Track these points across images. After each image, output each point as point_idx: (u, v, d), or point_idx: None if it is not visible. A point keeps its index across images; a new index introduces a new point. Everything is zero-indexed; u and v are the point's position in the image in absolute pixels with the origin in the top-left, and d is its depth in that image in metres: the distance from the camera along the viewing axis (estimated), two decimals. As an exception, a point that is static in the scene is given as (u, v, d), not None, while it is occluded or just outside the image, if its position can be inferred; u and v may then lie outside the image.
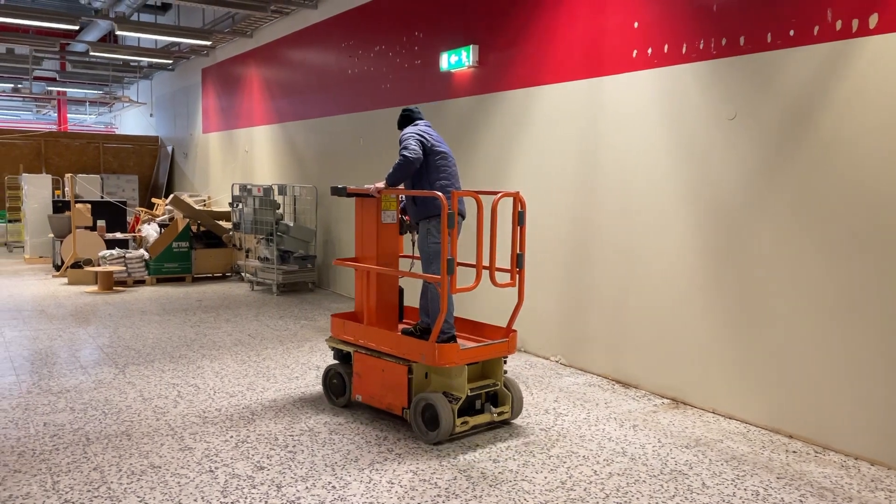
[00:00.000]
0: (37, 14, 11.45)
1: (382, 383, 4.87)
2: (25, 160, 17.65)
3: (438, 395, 4.51)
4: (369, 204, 5.10)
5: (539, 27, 6.65)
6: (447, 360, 4.46)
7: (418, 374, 4.71)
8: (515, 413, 4.87)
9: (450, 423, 4.44)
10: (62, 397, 5.25)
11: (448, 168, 4.96)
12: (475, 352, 4.64)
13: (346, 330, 5.16)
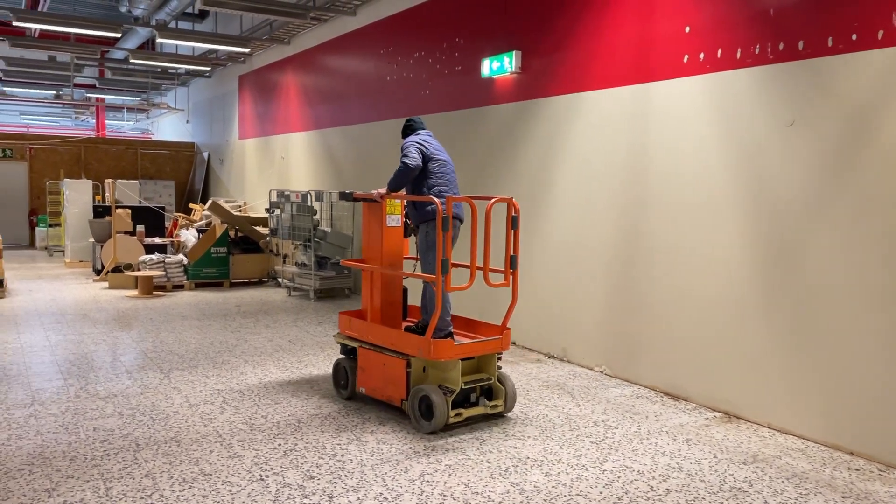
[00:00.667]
0: (79, 22, 11.64)
1: (383, 376, 5.17)
2: (66, 166, 17.98)
3: (434, 387, 4.80)
4: (375, 208, 5.36)
5: (584, 32, 6.57)
6: (441, 355, 4.76)
7: (416, 368, 5.00)
8: (509, 407, 5.13)
9: (444, 414, 4.73)
10: (110, 402, 5.28)
11: (446, 174, 5.26)
12: (468, 347, 4.92)
13: (351, 326, 5.48)
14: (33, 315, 8.64)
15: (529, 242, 7.29)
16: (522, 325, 7.40)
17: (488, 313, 7.81)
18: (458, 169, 8.40)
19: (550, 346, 7.04)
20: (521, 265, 7.42)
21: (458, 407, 4.89)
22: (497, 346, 5.04)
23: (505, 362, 6.74)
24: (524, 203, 7.37)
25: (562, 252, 6.88)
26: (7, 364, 6.31)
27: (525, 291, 7.36)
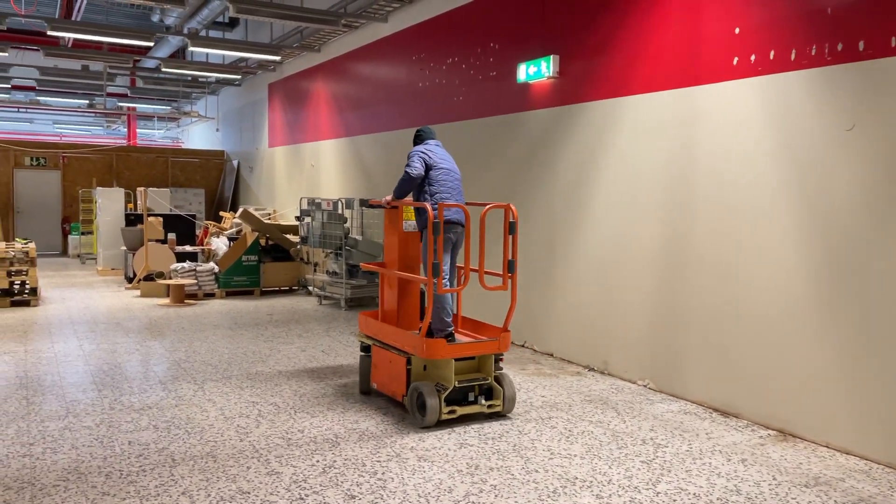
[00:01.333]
0: (113, 31, 11.71)
1: (389, 373, 5.45)
2: (98, 174, 18.14)
3: (429, 384, 5.05)
4: (393, 214, 5.69)
5: (626, 35, 6.38)
6: (433, 354, 4.99)
7: (417, 365, 5.26)
8: (507, 408, 5.28)
9: (436, 409, 4.96)
10: (144, 414, 5.19)
11: (447, 182, 5.47)
12: (461, 347, 5.11)
13: (367, 326, 5.78)
14: (66, 324, 8.63)
15: (567, 251, 7.10)
16: (561, 337, 7.21)
17: (527, 319, 7.63)
18: (491, 176, 8.24)
19: (590, 359, 6.84)
20: (559, 275, 7.23)
21: (455, 405, 5.10)
22: (493, 347, 5.20)
23: (544, 375, 6.56)
24: (562, 210, 7.19)
25: (602, 261, 6.68)
26: (41, 374, 6.26)
27: (563, 302, 7.17)
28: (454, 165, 5.62)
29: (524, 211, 7.72)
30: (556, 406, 5.58)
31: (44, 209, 17.79)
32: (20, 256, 9.84)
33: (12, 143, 17.68)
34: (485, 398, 5.24)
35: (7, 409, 5.25)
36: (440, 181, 5.43)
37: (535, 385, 6.19)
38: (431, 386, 5.04)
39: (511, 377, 5.58)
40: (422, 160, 5.43)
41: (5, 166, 17.24)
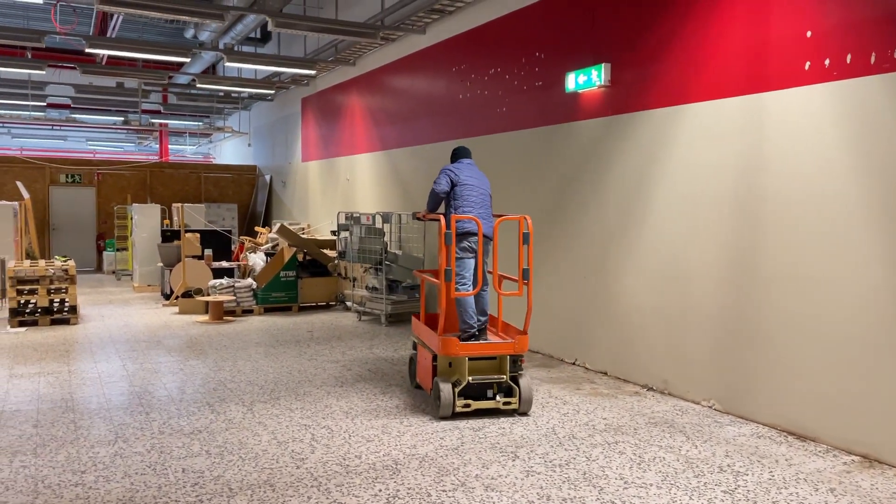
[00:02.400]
0: (150, 47, 11.72)
1: (423, 369, 6.01)
2: (132, 190, 18.22)
3: (446, 379, 5.56)
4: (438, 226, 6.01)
5: (685, 41, 6.14)
6: (447, 351, 5.51)
7: (442, 363, 5.71)
8: (523, 407, 5.64)
9: (449, 402, 5.46)
10: (195, 439, 5.02)
11: (471, 197, 5.96)
12: (474, 346, 5.59)
13: (416, 327, 6.30)
14: (108, 342, 8.54)
15: (622, 265, 6.84)
16: (616, 355, 6.94)
17: (579, 336, 7.38)
18: (537, 188, 8.02)
19: (649, 378, 6.56)
20: (612, 291, 6.97)
21: (472, 399, 5.57)
22: (509, 348, 5.62)
23: (601, 395, 6.30)
24: (615, 222, 6.94)
25: (661, 276, 6.41)
26: (87, 396, 6.14)
27: (618, 319, 6.90)
28: (483, 182, 6.11)
29: (575, 224, 7.49)
30: (620, 429, 5.32)
31: (78, 226, 17.90)
32: (60, 274, 9.81)
33: (48, 160, 17.83)
34: (504, 396, 5.63)
35: (55, 433, 5.12)
36: (463, 196, 5.95)
37: (594, 406, 5.93)
38: (446, 380, 5.55)
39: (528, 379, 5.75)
40: (447, 177, 6.01)
41: (41, 183, 17.38)
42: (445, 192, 5.99)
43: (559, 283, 7.72)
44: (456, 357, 5.57)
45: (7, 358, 7.60)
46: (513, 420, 5.52)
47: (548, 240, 7.88)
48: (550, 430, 5.27)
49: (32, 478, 4.26)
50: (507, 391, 5.65)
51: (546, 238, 7.91)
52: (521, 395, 5.60)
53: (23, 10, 17.29)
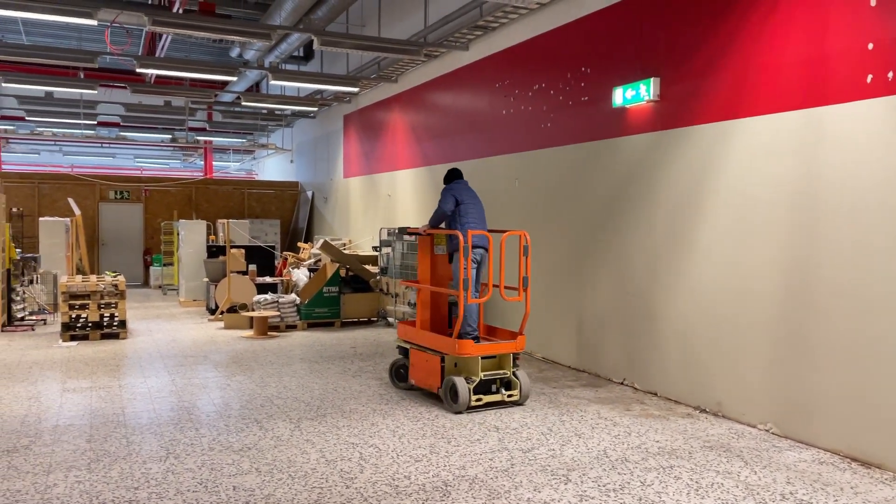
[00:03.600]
0: (198, 66, 11.96)
1: (426, 370, 6.60)
2: (178, 206, 18.57)
3: (460, 377, 6.21)
4: (426, 240, 6.95)
5: (737, 55, 6.02)
6: (464, 352, 6.21)
7: (449, 363, 6.41)
8: (523, 397, 6.46)
9: (466, 398, 6.12)
10: (245, 456, 5.02)
11: (473, 213, 6.79)
12: (485, 346, 6.33)
13: (406, 333, 6.96)
14: (156, 357, 8.66)
15: (671, 283, 6.70)
16: (666, 375, 6.79)
17: (626, 355, 7.23)
18: (581, 204, 7.93)
19: (701, 399, 6.39)
20: (661, 309, 6.83)
21: (481, 394, 6.29)
22: (512, 347, 6.42)
23: (652, 417, 6.15)
24: (664, 238, 6.81)
25: (712, 293, 6.26)
26: (138, 411, 6.21)
27: (668, 338, 6.75)
28: (478, 201, 6.94)
29: (621, 240, 7.37)
30: (674, 453, 5.17)
31: (126, 241, 18.29)
32: (110, 289, 10.00)
33: (98, 177, 18.30)
34: (505, 389, 6.41)
35: (108, 448, 5.18)
36: (468, 213, 6.78)
37: (646, 428, 5.79)
38: (462, 378, 6.19)
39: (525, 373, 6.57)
40: (453, 198, 6.79)
41: (91, 200, 17.83)
42: (452, 210, 6.76)
43: (605, 300, 7.60)
44: (466, 357, 6.24)
45: (60, 372, 7.75)
46: (562, 441, 5.42)
47: (592, 256, 7.78)
48: (602, 453, 5.15)
49: (87, 493, 4.31)
50: (508, 385, 6.46)
51: (590, 255, 7.80)
52: (521, 388, 6.43)
53: (76, 32, 17.86)
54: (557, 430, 5.70)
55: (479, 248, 6.68)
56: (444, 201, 6.75)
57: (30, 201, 17.27)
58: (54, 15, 8.44)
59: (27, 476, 4.59)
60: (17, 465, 4.80)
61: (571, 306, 8.18)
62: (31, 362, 8.25)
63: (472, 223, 6.73)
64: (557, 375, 7.77)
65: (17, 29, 17.93)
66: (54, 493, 4.30)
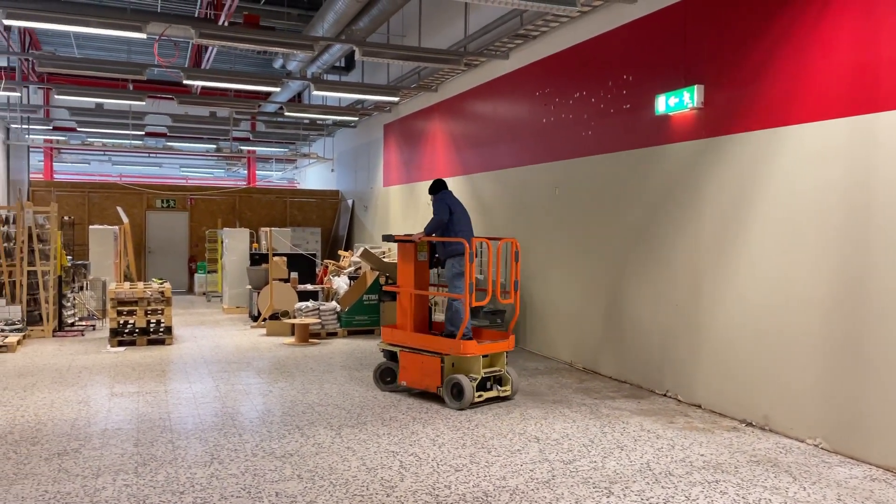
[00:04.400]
0: (243, 78, 12.20)
1: (421, 371, 6.94)
2: (222, 215, 18.93)
3: (463, 376, 6.60)
4: (407, 248, 7.28)
5: (784, 61, 5.91)
6: (470, 352, 6.66)
7: (447, 363, 6.78)
8: (514, 392, 7.01)
9: (471, 395, 6.55)
10: (287, 462, 5.08)
11: (464, 221, 7.28)
12: (487, 346, 6.83)
13: (394, 336, 7.28)
14: (200, 363, 8.82)
15: (717, 293, 6.58)
16: (710, 387, 6.66)
17: (670, 367, 7.12)
18: (623, 212, 7.85)
19: (747, 412, 6.25)
20: (706, 320, 6.70)
21: (481, 391, 6.70)
22: (505, 346, 6.95)
23: (696, 430, 6.03)
24: (708, 248, 6.69)
25: (760, 304, 6.12)
26: (183, 416, 6.33)
27: (713, 350, 6.63)
28: (465, 209, 7.35)
29: (664, 249, 7.27)
30: (719, 467, 5.07)
31: (172, 249, 18.70)
32: (157, 296, 10.23)
33: (145, 186, 18.76)
34: (498, 385, 6.89)
35: (155, 452, 5.28)
36: (460, 221, 7.25)
37: (690, 441, 5.68)
38: (465, 377, 6.59)
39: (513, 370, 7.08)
40: (447, 206, 7.18)
41: (139, 209, 18.28)
42: (448, 219, 7.14)
43: (647, 310, 7.50)
44: (468, 357, 6.68)
45: (108, 377, 7.95)
46: (604, 453, 5.35)
47: (634, 266, 7.68)
48: (645, 466, 5.07)
49: (135, 497, 4.40)
50: (500, 381, 6.92)
51: (632, 264, 7.71)
52: (512, 384, 6.96)
53: (126, 45, 18.37)
54: (599, 442, 5.64)
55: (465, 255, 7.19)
56: (440, 210, 7.16)
57: (80, 210, 17.78)
58: (106, 29, 8.71)
59: (77, 479, 4.71)
60: (67, 467, 4.93)
61: (612, 316, 8.09)
62: (80, 367, 8.48)
63: (462, 231, 7.19)
64: (598, 386, 7.69)
65: (69, 43, 18.54)
66: (103, 497, 4.40)
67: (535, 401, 7.00)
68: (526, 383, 7.80)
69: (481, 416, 6.41)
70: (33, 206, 10.91)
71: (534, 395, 7.23)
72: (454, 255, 7.11)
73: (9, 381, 7.67)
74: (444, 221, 7.12)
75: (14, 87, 14.13)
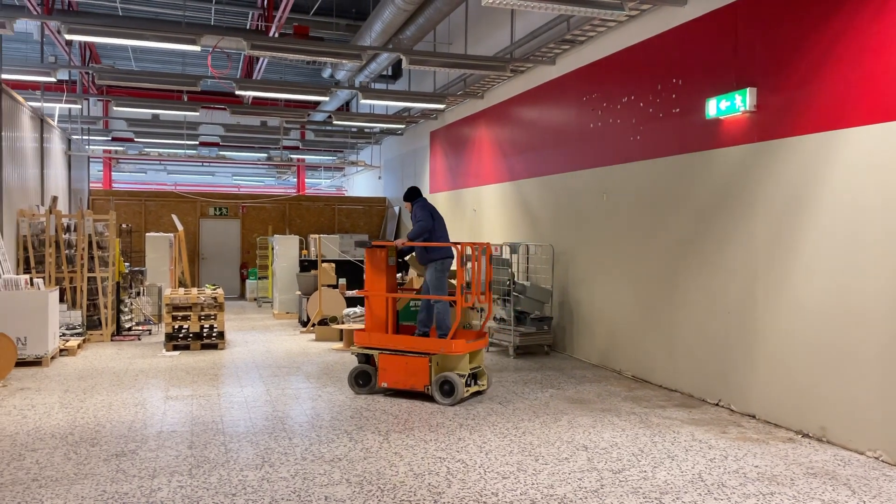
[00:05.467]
0: (292, 88, 12.43)
1: (406, 371, 7.18)
2: (272, 222, 19.30)
3: (453, 373, 6.99)
4: (377, 253, 7.49)
5: (842, 62, 5.74)
6: (459, 350, 7.05)
7: (434, 362, 7.10)
8: (488, 386, 7.59)
9: (462, 391, 6.94)
10: (336, 466, 5.14)
11: (443, 228, 7.67)
12: (472, 345, 7.24)
13: (371, 339, 7.41)
14: (252, 367, 8.99)
15: (771, 302, 6.42)
16: (765, 397, 6.49)
17: (721, 375, 6.97)
18: (672, 218, 7.72)
19: (803, 423, 6.07)
20: (760, 329, 6.54)
21: (467, 386, 7.10)
22: (483, 344, 7.44)
23: (750, 440, 5.89)
24: (762, 255, 6.53)
25: (817, 312, 5.95)
26: (235, 419, 6.46)
27: (767, 359, 6.46)
28: (441, 215, 7.73)
29: (715, 255, 7.13)
30: (774, 479, 4.93)
31: (225, 255, 19.14)
32: (210, 302, 10.47)
33: (199, 194, 19.24)
34: (475, 381, 7.32)
35: (208, 455, 5.40)
36: (442, 229, 7.63)
37: (744, 452, 5.55)
38: (455, 374, 6.98)
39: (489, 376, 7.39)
40: (428, 213, 7.49)
41: (193, 216, 18.76)
42: (432, 224, 7.47)
43: (699, 317, 7.36)
44: (456, 355, 7.07)
45: (163, 380, 8.17)
46: (654, 463, 5.27)
47: (684, 272, 7.55)
48: (696, 477, 4.97)
49: (189, 498, 4.51)
50: (475, 377, 7.33)
51: (683, 270, 7.58)
52: (488, 379, 7.59)
53: (181, 57, 18.91)
54: (649, 452, 5.55)
55: (449, 259, 7.60)
56: (424, 217, 7.46)
57: (137, 217, 18.34)
58: (162, 42, 8.98)
59: (134, 479, 4.85)
60: (124, 468, 5.08)
61: (663, 323, 7.96)
62: (137, 370, 8.73)
63: (442, 237, 7.60)
64: (648, 395, 7.57)
65: (127, 56, 19.18)
66: (158, 497, 4.52)
67: (583, 409, 6.93)
68: (573, 391, 7.73)
69: (528, 423, 6.38)
70: (93, 214, 11.30)
71: (582, 403, 7.16)
72: (435, 259, 7.49)
73: (70, 383, 7.94)
74: (427, 228, 7.41)
75: (75, 100, 14.68)
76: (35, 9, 11.63)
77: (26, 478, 4.86)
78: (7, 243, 10.15)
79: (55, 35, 13.34)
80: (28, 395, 7.33)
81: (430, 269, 7.57)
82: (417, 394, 7.45)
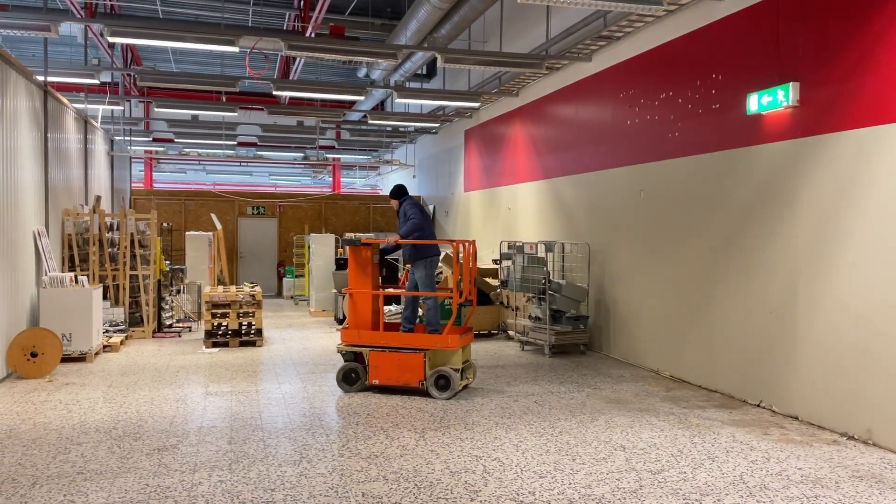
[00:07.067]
0: (328, 88, 12.52)
1: (399, 368, 7.21)
2: (309, 221, 19.48)
3: (448, 368, 7.14)
4: (360, 251, 7.56)
5: (887, 55, 5.58)
6: (455, 345, 7.16)
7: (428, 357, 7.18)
8: (473, 378, 7.68)
9: (458, 384, 7.14)
10: (372, 463, 5.17)
11: (430, 226, 7.78)
12: (465, 339, 7.40)
13: (360, 337, 7.42)
14: (289, 364, 9.09)
15: (814, 300, 6.27)
16: (808, 398, 6.35)
17: (762, 376, 6.84)
18: (711, 215, 7.60)
19: (848, 425, 5.92)
20: (803, 328, 6.40)
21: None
22: (470, 339, 7.58)
23: (793, 442, 5.76)
24: (805, 253, 6.39)
25: (863, 312, 5.80)
26: (274, 415, 6.54)
27: (811, 359, 6.32)
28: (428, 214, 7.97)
29: (756, 254, 6.99)
30: (819, 482, 4.82)
31: (262, 254, 19.38)
32: (248, 300, 10.61)
33: (237, 194, 19.52)
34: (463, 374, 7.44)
35: (247, 450, 5.48)
36: (429, 227, 7.76)
37: (787, 454, 5.43)
38: (451, 369, 7.13)
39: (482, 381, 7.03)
40: (419, 211, 7.65)
41: (231, 215, 19.03)
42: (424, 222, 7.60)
43: (739, 317, 7.22)
44: (451, 350, 7.19)
45: (203, 377, 8.31)
46: (694, 465, 5.19)
47: (724, 271, 7.42)
48: (738, 478, 4.88)
49: (229, 492, 4.58)
50: (464, 371, 7.48)
51: (723, 268, 7.45)
52: (474, 373, 7.72)
53: (219, 59, 19.20)
54: (689, 453, 5.47)
55: (436, 257, 7.71)
56: (414, 215, 7.60)
57: (177, 217, 18.68)
58: (201, 44, 9.12)
59: (175, 474, 4.94)
60: (166, 462, 5.18)
61: (702, 322, 7.84)
62: (177, 367, 8.89)
63: (430, 235, 7.71)
64: (687, 395, 7.46)
65: (167, 58, 19.52)
66: (199, 492, 4.59)
67: (621, 409, 6.86)
68: (610, 390, 7.66)
69: (565, 422, 6.34)
70: (135, 213, 11.54)
71: (619, 403, 7.08)
72: (424, 256, 7.62)
73: (113, 378, 8.13)
74: (419, 225, 7.51)
75: (118, 102, 15.00)
76: (79, 12, 11.91)
77: (72, 471, 4.98)
78: (52, 242, 10.42)
79: (98, 38, 13.65)
80: (73, 390, 7.52)
81: (419, 267, 7.66)
82: (410, 390, 7.50)
